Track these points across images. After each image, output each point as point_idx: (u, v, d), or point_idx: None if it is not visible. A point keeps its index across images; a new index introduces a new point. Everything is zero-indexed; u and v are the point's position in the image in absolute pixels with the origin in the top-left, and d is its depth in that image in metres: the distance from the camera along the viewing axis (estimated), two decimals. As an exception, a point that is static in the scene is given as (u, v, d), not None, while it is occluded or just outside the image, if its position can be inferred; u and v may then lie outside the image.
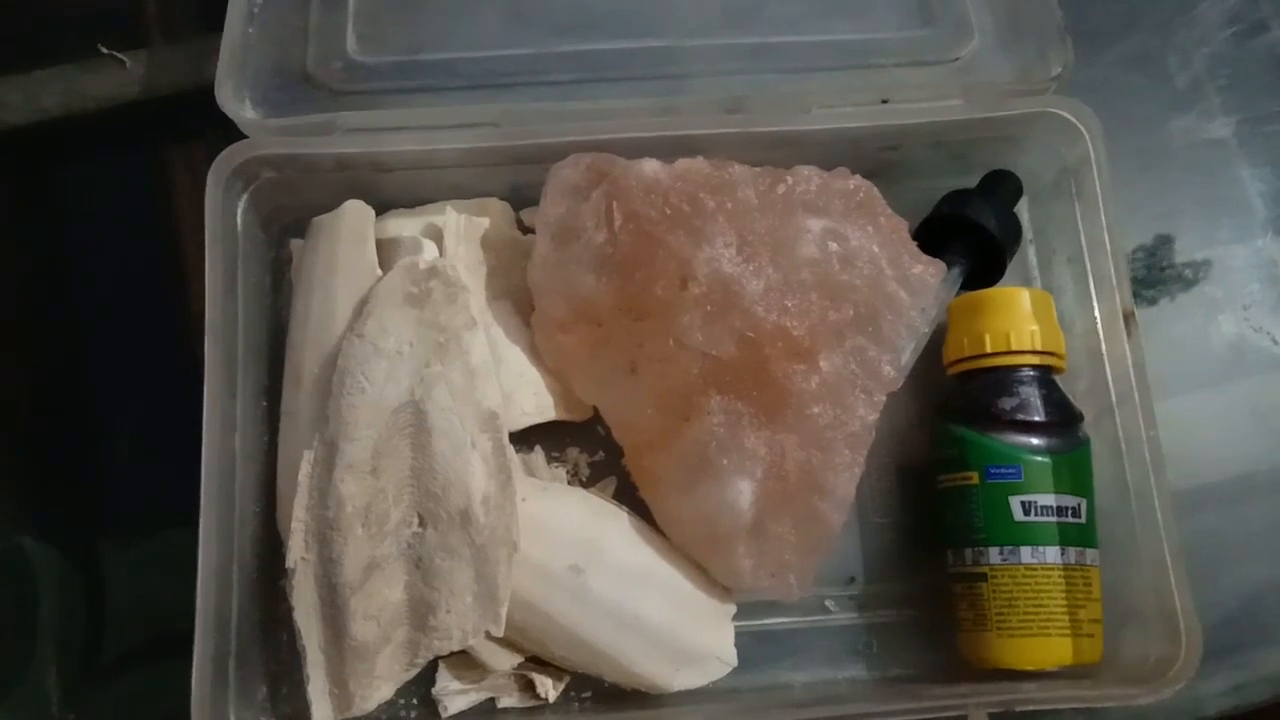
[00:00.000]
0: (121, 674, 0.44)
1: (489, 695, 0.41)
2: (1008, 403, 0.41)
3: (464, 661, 0.41)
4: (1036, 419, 0.41)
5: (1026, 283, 0.47)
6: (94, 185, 0.50)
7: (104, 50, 0.50)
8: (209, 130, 0.43)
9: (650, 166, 0.41)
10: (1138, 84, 0.52)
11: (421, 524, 0.39)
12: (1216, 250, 0.50)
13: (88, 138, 0.50)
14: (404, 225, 0.43)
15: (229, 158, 0.41)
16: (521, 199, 0.46)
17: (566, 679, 0.42)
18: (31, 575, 0.44)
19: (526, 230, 0.46)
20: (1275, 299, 0.49)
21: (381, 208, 0.44)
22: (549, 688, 0.41)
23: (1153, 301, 0.49)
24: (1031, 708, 0.40)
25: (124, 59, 0.50)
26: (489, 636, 0.39)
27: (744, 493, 0.39)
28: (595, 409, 0.43)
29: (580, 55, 0.46)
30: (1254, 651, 0.45)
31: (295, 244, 0.45)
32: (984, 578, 0.41)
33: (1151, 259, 0.50)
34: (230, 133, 0.42)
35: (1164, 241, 0.50)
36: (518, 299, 0.44)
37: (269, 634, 0.42)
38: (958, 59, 0.47)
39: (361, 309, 0.40)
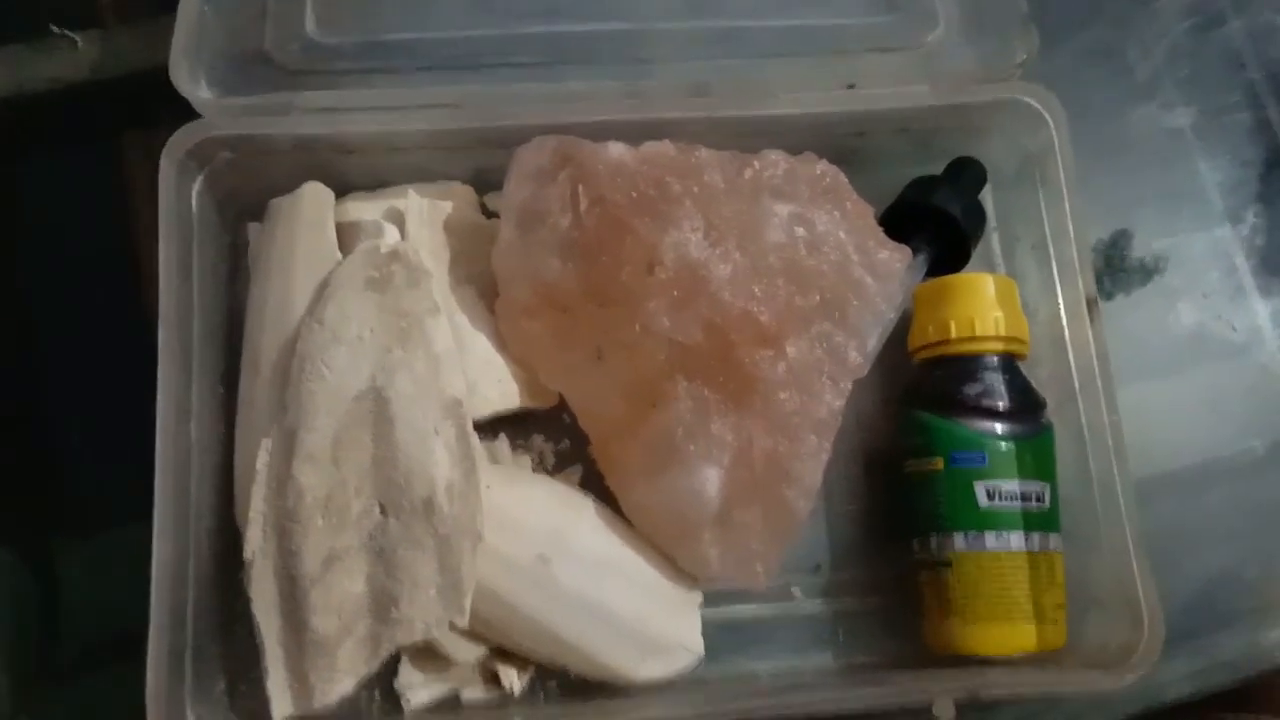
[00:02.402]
0: (76, 675, 0.43)
1: (453, 688, 0.41)
2: (972, 389, 0.42)
3: (427, 654, 0.40)
4: (1000, 405, 0.41)
5: (991, 269, 0.47)
6: (46, 168, 0.49)
7: (55, 30, 0.49)
8: (164, 112, 0.42)
9: (616, 149, 0.40)
10: (1098, 75, 0.53)
11: (383, 514, 0.38)
12: (1176, 240, 0.50)
13: (39, 119, 0.49)
14: (364, 208, 0.43)
15: (183, 138, 0.40)
16: (485, 183, 0.45)
17: (531, 670, 0.41)
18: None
19: (490, 215, 0.45)
20: (1233, 288, 0.50)
21: (341, 190, 0.43)
22: (513, 679, 0.41)
23: (1112, 291, 0.50)
24: (996, 694, 0.40)
25: (76, 38, 0.49)
26: (453, 628, 0.38)
27: (711, 481, 0.39)
28: (560, 396, 0.43)
29: (544, 38, 0.45)
30: (1213, 636, 0.45)
31: (253, 228, 0.44)
32: (949, 564, 0.41)
33: (1112, 249, 0.50)
34: (186, 114, 0.41)
35: (1124, 231, 0.51)
36: (482, 285, 0.43)
37: (227, 628, 0.41)
38: (922, 45, 0.47)
39: (321, 294, 0.39)
